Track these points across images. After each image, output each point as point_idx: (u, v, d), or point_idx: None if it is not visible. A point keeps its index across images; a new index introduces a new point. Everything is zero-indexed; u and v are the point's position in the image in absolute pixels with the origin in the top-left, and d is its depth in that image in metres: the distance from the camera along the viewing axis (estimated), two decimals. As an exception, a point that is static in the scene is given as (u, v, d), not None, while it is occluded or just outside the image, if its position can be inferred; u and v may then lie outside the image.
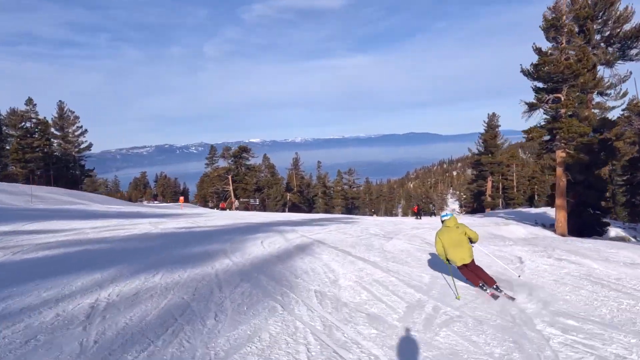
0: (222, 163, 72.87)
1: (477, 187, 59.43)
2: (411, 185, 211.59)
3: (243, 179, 71.54)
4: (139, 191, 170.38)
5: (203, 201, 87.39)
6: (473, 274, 7.20)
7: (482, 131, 57.71)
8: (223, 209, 41.48)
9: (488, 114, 56.55)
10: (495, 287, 7.06)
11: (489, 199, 56.45)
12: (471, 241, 7.25)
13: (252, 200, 69.18)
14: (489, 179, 56.82)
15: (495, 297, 6.92)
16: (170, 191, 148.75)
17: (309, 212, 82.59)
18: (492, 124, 56.03)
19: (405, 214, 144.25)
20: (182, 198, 43.71)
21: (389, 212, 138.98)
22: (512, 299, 6.87)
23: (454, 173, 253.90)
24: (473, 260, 7.21)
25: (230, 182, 70.64)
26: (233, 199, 70.65)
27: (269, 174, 75.38)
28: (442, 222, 7.43)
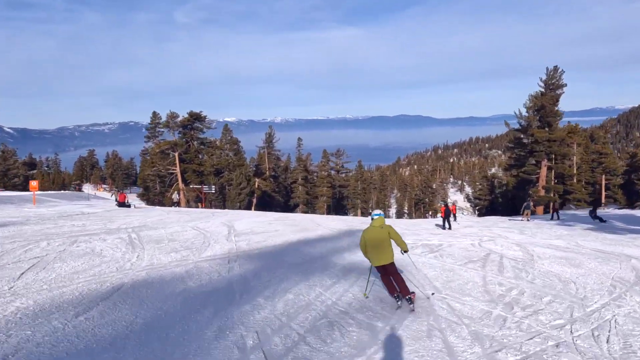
0: (168, 136, 57.45)
1: (523, 173, 45.04)
2: (405, 172, 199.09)
3: (195, 157, 56.33)
4: (84, 173, 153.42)
5: (117, 186, 72.25)
6: (390, 281, 7.44)
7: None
8: (122, 203, 26.45)
9: (547, 68, 41.83)
10: (408, 298, 7.21)
11: (541, 191, 42.17)
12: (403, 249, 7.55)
13: (206, 187, 54.04)
14: (543, 164, 42.51)
15: (410, 310, 7.14)
16: (121, 174, 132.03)
17: (285, 205, 67.87)
18: (553, 83, 41.26)
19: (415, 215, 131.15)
20: (33, 182, 28.22)
21: (397, 210, 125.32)
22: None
23: (450, 160, 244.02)
24: (393, 264, 7.38)
25: (177, 162, 55.36)
26: (181, 185, 55.38)
27: (231, 151, 60.06)
28: (372, 219, 7.58)
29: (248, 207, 60.26)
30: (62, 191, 64.10)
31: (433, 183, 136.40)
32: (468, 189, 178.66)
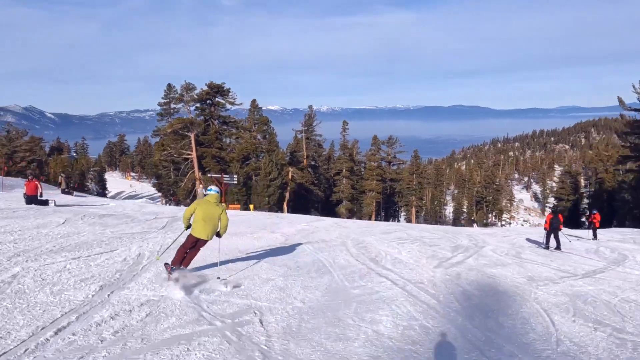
0: (184, 113, 49.10)
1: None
2: (463, 167, 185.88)
3: (215, 139, 47.79)
4: (113, 159, 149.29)
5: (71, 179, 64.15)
6: (185, 253, 7.64)
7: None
8: (33, 198, 17.36)
9: None
10: (175, 268, 7.47)
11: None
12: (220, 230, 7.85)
13: (227, 177, 45.22)
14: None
15: (168, 275, 7.45)
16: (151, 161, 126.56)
17: (326, 201, 58.48)
18: None
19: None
20: None
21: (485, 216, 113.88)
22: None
23: (511, 154, 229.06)
24: (206, 242, 7.72)
25: (194, 145, 46.92)
26: (198, 174, 46.94)
27: (258, 134, 50.97)
28: (205, 195, 7.88)
29: (279, 202, 51.28)
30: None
31: (497, 179, 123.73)
32: (536, 187, 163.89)
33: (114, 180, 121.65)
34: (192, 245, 7.60)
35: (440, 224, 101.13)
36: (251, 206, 46.90)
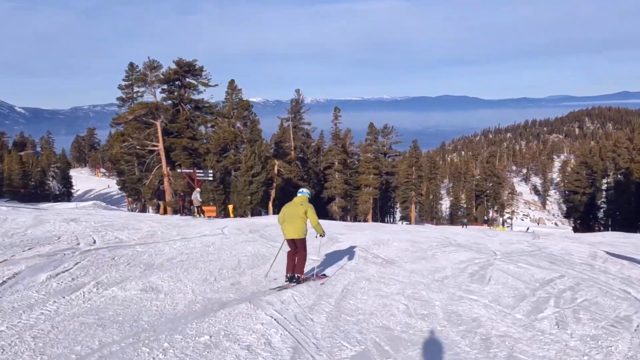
0: (148, 97, 42.36)
1: None
2: (456, 159, 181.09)
3: (186, 127, 41.24)
4: (82, 154, 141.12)
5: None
6: (292, 258, 7.96)
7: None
8: None
9: None
10: (290, 277, 7.83)
11: None
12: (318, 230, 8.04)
13: (201, 172, 38.66)
14: None
15: (285, 286, 7.64)
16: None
17: (316, 198, 52.44)
18: None
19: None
20: None
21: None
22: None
23: (504, 145, 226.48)
24: (301, 242, 7.91)
25: (160, 134, 40.33)
26: (166, 170, 40.49)
27: (238, 121, 44.33)
28: (296, 195, 8.26)
29: (264, 201, 44.97)
30: None
31: (500, 171, 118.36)
32: (535, 179, 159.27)
33: (83, 178, 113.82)
34: (292, 248, 8.03)
35: (437, 222, 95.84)
36: (230, 207, 40.50)
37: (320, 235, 8.05)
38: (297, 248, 7.86)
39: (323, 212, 61.40)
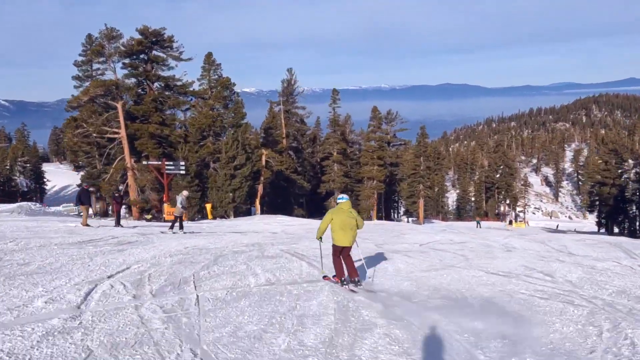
0: (109, 74, 35.97)
1: None
2: (462, 149, 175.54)
3: (154, 111, 34.98)
4: (59, 149, 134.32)
5: None
6: (342, 263, 8.17)
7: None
8: None
9: None
10: (356, 280, 8.09)
11: None
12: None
13: (171, 164, 32.46)
14: None
15: (352, 291, 7.73)
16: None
17: (312, 193, 46.70)
18: None
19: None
20: None
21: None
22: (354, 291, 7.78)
23: (509, 134, 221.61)
24: (350, 248, 8.20)
25: (122, 119, 34.04)
26: (130, 162, 34.32)
27: (217, 102, 37.95)
28: (337, 203, 8.26)
29: (250, 197, 38.86)
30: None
31: (516, 162, 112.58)
32: (546, 170, 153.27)
33: (60, 173, 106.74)
34: (340, 253, 8.19)
35: (443, 218, 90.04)
36: (208, 206, 34.30)
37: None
38: (344, 252, 8.15)
39: (320, 210, 55.47)
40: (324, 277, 8.27)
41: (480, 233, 23.72)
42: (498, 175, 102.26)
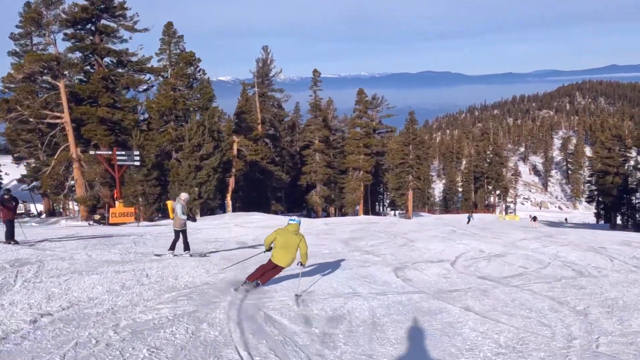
0: (51, 49, 30.95)
1: None
2: (446, 137, 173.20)
3: (103, 92, 30.12)
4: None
5: None
6: (263, 272, 8.18)
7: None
8: None
9: None
10: (257, 283, 8.17)
11: None
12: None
13: (123, 154, 27.67)
14: None
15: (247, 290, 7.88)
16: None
17: (292, 186, 42.37)
18: None
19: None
20: None
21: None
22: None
23: (491, 123, 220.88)
24: (283, 269, 8.28)
25: (65, 101, 29.12)
26: (76, 152, 29.42)
27: (179, 80, 33.14)
28: (288, 223, 8.30)
29: (220, 192, 34.27)
30: None
31: (503, 150, 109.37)
32: (535, 159, 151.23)
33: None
34: (272, 268, 8.23)
35: (430, 211, 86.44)
36: (169, 204, 29.50)
37: (302, 265, 8.19)
38: (276, 269, 8.20)
39: (300, 204, 51.10)
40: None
41: (499, 234, 19.60)
42: (487, 165, 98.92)
